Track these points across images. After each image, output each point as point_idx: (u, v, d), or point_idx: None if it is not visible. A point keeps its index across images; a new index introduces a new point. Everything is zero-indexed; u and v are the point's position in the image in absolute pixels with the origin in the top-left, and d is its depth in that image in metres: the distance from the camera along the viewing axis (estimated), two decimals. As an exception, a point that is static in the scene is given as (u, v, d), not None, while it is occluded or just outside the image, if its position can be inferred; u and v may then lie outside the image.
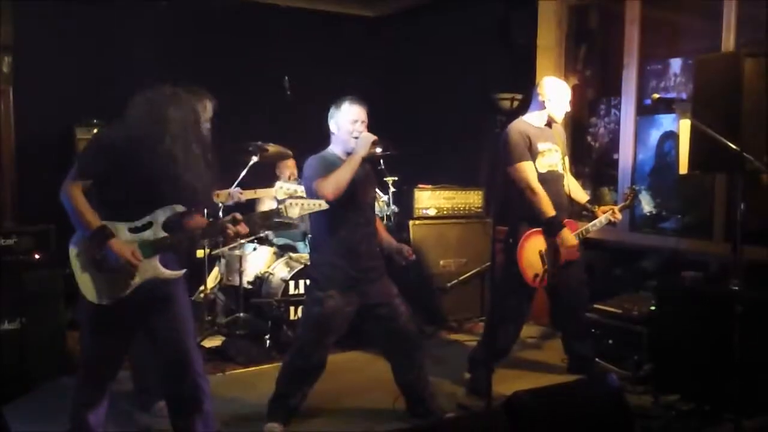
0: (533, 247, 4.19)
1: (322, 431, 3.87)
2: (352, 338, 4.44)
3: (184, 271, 3.08)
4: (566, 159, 4.43)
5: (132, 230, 2.95)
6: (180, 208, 3.04)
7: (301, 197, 3.35)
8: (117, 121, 3.00)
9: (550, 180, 4.28)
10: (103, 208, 2.96)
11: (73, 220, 2.94)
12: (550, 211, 4.13)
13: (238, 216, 3.09)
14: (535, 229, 4.20)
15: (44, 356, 4.38)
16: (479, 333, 5.45)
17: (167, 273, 3.02)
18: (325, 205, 3.29)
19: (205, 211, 4.27)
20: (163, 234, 2.98)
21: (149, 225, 2.97)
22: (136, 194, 2.96)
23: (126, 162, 2.92)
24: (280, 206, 3.15)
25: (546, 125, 4.33)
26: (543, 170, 4.25)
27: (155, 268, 2.99)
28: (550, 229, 4.17)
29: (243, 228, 3.07)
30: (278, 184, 4.16)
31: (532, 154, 4.22)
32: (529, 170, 4.17)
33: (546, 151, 4.27)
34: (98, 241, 2.88)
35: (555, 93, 4.28)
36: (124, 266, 2.89)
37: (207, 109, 3.12)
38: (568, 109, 4.35)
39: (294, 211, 3.16)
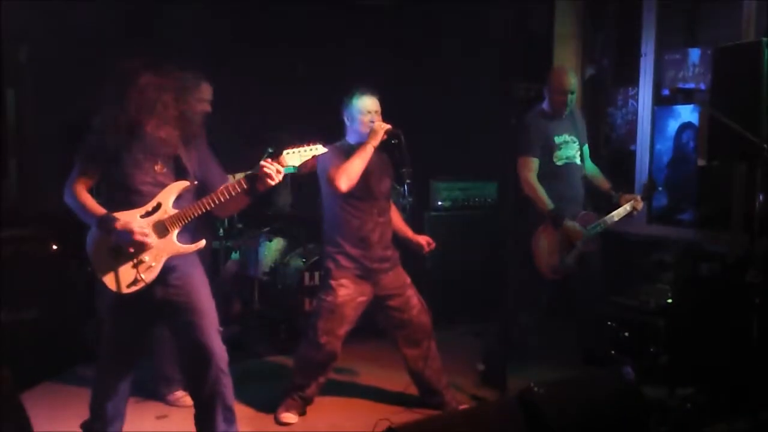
0: (548, 240, 4.17)
1: (336, 421, 3.89)
2: (368, 329, 4.44)
3: (203, 242, 3.08)
4: (585, 147, 4.39)
5: (143, 216, 2.97)
6: (184, 184, 3.05)
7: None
8: (104, 110, 3.03)
9: (566, 172, 4.24)
10: (111, 201, 3.00)
11: (82, 216, 3.00)
12: (546, 204, 4.10)
13: (267, 159, 3.05)
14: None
15: (62, 345, 4.43)
16: (494, 324, 5.44)
17: (185, 248, 3.04)
18: (322, 149, 3.19)
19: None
20: (174, 211, 3.00)
21: (159, 206, 2.99)
22: (138, 179, 2.98)
23: (122, 151, 2.96)
24: (280, 157, 3.09)
25: (564, 114, 4.27)
26: (560, 162, 4.22)
27: (172, 245, 3.01)
28: (553, 221, 4.14)
29: (278, 164, 3.00)
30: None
31: (549, 148, 4.18)
32: (529, 165, 4.15)
33: (563, 143, 4.23)
34: (106, 227, 2.92)
35: (555, 82, 4.21)
36: (134, 244, 2.91)
37: (190, 85, 3.12)
38: (571, 99, 4.25)
39: (293, 159, 3.11)
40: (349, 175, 3.59)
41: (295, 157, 3.12)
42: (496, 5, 6.37)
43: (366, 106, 3.74)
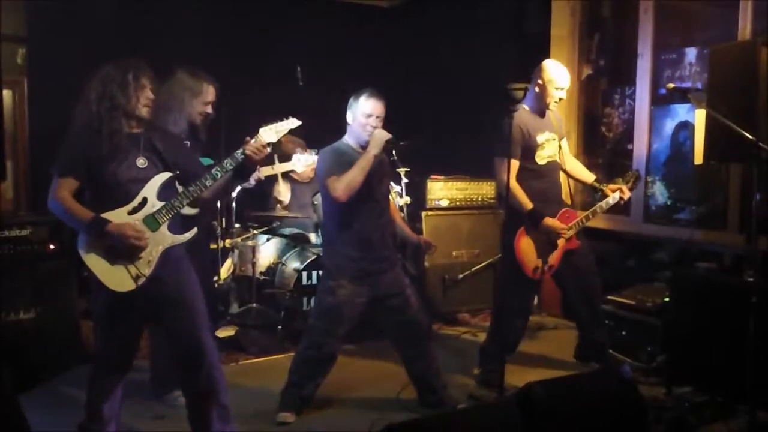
0: (530, 240, 4.15)
1: (334, 421, 3.89)
2: (364, 329, 4.44)
3: (195, 230, 3.11)
4: (564, 142, 4.36)
5: (131, 212, 2.98)
6: (167, 175, 3.06)
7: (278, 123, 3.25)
8: (78, 109, 3.05)
9: (548, 171, 4.23)
10: (96, 202, 2.99)
11: (70, 222, 3.00)
12: (527, 204, 4.06)
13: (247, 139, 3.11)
14: None
15: (59, 346, 4.42)
16: (492, 324, 5.44)
17: (179, 238, 3.07)
18: (296, 122, 3.25)
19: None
20: (160, 204, 3.01)
21: (145, 201, 3.00)
22: (121, 176, 2.99)
23: (101, 150, 2.96)
24: (256, 135, 3.14)
25: (544, 111, 4.25)
26: (542, 162, 4.20)
27: (166, 236, 3.03)
28: (532, 222, 4.12)
29: (260, 142, 3.07)
30: (295, 156, 4.12)
31: (532, 147, 4.15)
32: (506, 168, 4.05)
33: (545, 142, 4.20)
34: (97, 230, 2.92)
35: (552, 76, 4.14)
36: (129, 245, 2.91)
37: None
38: (563, 96, 4.21)
39: (269, 135, 3.14)
40: (349, 185, 3.59)
41: (271, 132, 3.16)
42: (494, 5, 6.37)
43: (371, 108, 3.72)
